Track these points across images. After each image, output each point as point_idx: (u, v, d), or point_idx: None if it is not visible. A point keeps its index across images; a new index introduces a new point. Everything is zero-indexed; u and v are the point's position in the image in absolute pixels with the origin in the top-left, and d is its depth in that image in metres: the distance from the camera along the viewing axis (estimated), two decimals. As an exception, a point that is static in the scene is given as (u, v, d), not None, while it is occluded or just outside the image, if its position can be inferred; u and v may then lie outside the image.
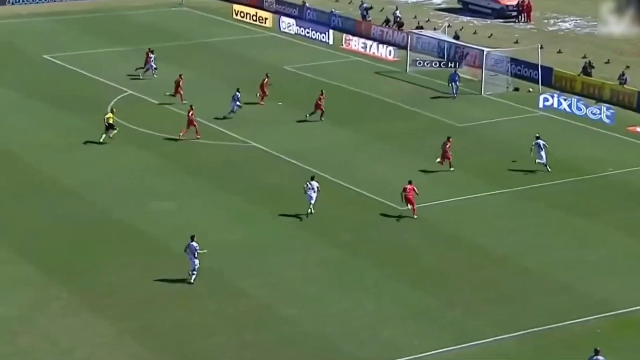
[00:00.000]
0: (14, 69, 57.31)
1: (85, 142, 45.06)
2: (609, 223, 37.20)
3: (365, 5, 69.86)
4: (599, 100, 51.89)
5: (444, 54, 59.27)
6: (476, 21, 70.59)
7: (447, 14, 72.06)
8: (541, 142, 42.00)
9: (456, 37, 61.55)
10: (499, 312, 30.95)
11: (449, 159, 41.90)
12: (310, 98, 50.08)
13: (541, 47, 56.15)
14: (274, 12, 70.98)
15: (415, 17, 69.61)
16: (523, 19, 70.71)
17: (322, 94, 48.55)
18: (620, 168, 42.71)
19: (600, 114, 49.12)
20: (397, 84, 55.25)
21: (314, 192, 37.25)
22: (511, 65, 55.74)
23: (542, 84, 53.96)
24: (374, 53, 60.42)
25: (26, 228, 36.31)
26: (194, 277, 32.22)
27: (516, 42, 63.35)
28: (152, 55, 54.61)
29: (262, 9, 71.86)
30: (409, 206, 37.42)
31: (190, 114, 44.95)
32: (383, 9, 72.50)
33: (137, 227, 36.32)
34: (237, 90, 48.32)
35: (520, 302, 31.59)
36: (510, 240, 35.85)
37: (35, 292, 31.73)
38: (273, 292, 31.96)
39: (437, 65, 56.87)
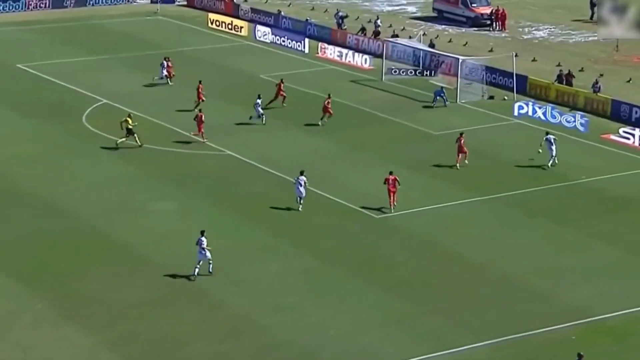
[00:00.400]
0: (-13, 78, 57.06)
1: (60, 152, 44.88)
2: (584, 230, 37.48)
3: (340, 14, 70.09)
4: (573, 108, 52.30)
5: (419, 62, 59.50)
6: (451, 29, 70.95)
7: (422, 22, 72.40)
8: (551, 137, 42.41)
9: (431, 46, 61.82)
10: (477, 319, 31.09)
11: (465, 153, 42.94)
12: (287, 106, 50.35)
13: (516, 55, 56.53)
14: (250, 20, 71.05)
15: (390, 26, 69.85)
16: (498, 27, 71.14)
17: (329, 98, 49.12)
18: (594, 175, 43.07)
19: (574, 121, 49.49)
20: (373, 92, 55.42)
21: (303, 187, 38.04)
22: (486, 73, 56.06)
23: (517, 92, 54.31)
24: (349, 61, 60.59)
25: (1, 238, 36.07)
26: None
27: (491, 51, 63.73)
28: (164, 62, 54.46)
29: (238, 17, 71.93)
30: (390, 197, 38.16)
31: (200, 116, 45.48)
32: (358, 17, 72.77)
33: (114, 237, 36.21)
34: (259, 97, 48.72)
35: (497, 309, 31.75)
36: (487, 248, 36.03)
37: (9, 303, 31.54)
38: (251, 302, 31.95)
39: (413, 73, 57.10)
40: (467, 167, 43.71)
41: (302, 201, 38.52)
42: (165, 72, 54.69)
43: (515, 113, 51.06)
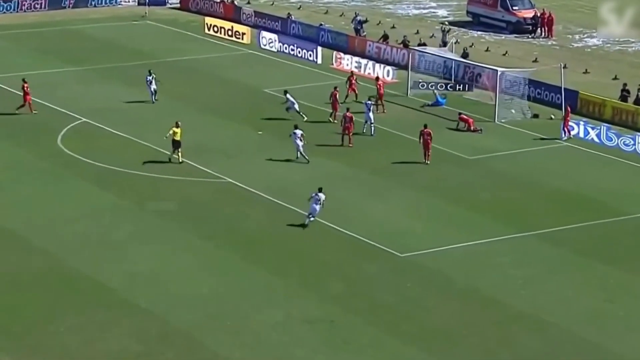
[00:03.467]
0: (-53, 92, 57.53)
1: (30, 179, 45.15)
2: (638, 272, 37.44)
3: (359, 18, 70.40)
4: (633, 129, 52.34)
5: (450, 75, 59.71)
6: (488, 36, 71.19)
7: (454, 28, 72.70)
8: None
9: (465, 55, 62.04)
10: (516, 376, 31.11)
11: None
12: (294, 124, 50.62)
13: (564, 67, 56.66)
14: (253, 26, 71.49)
15: (417, 32, 70.18)
16: (543, 33, 71.40)
17: (336, 90, 52.55)
18: (656, 208, 43.09)
19: (634, 144, 49.53)
20: (396, 109, 55.59)
21: (319, 205, 39.76)
22: (529, 87, 56.19)
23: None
24: (369, 73, 60.83)
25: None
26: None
27: (535, 61, 63.91)
28: (148, 77, 54.97)
29: (239, 22, 72.37)
30: (425, 151, 44.42)
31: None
32: (380, 22, 73.14)
33: (92, 278, 36.34)
34: (285, 92, 52.93)
35: (540, 364, 31.79)
36: (527, 292, 36.01)
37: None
38: (252, 355, 31.99)
39: (443, 87, 57.33)
40: (507, 199, 43.75)
41: (312, 219, 39.85)
42: (154, 87, 55.01)
43: (564, 135, 51.17)
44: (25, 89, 53.07)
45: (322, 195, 39.98)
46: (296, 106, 52.49)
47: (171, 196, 43.50)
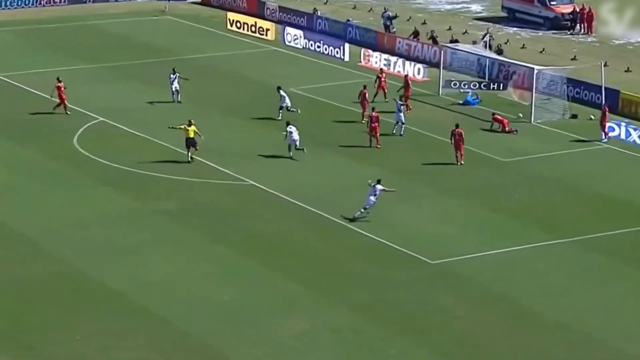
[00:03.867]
0: (-42, 90, 57.79)
1: (43, 182, 45.16)
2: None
3: (389, 13, 70.15)
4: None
5: (484, 73, 59.43)
6: (524, 33, 70.81)
7: (488, 24, 72.36)
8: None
9: (499, 52, 61.69)
10: (553, 391, 30.77)
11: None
12: (320, 125, 50.33)
13: (605, 65, 56.26)
14: (277, 21, 71.45)
15: (449, 28, 69.89)
16: (582, 30, 70.92)
17: (365, 89, 52.97)
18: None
19: (678, 146, 49.14)
20: (427, 109, 55.34)
21: (375, 197, 40.75)
22: (568, 86, 55.83)
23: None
24: (399, 72, 60.57)
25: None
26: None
27: (574, 59, 63.49)
28: (172, 76, 54.95)
29: (263, 18, 72.36)
30: (457, 152, 45.41)
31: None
32: (410, 17, 72.88)
33: (105, 284, 36.29)
34: (279, 88, 52.91)
35: (579, 378, 31.49)
36: (567, 302, 35.66)
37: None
38: (273, 366, 31.85)
39: (477, 86, 57.04)
40: (544, 203, 43.41)
41: (365, 212, 40.78)
42: (175, 87, 54.85)
43: (604, 136, 50.77)
44: (60, 88, 52.84)
45: (379, 187, 40.69)
46: (287, 102, 52.46)
47: (190, 199, 43.39)
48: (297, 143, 47.08)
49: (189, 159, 46.84)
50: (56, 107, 52.91)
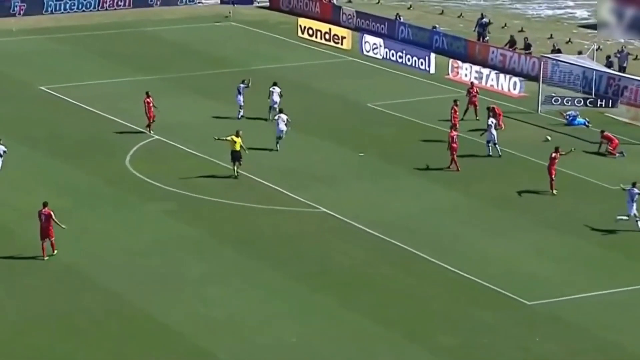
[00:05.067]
0: (-1, 104, 58.78)
1: (93, 206, 45.73)
2: None
3: (485, 20, 70.05)
4: None
5: (590, 88, 59.17)
6: (638, 42, 70.32)
7: (595, 32, 72.01)
8: (636, 190, 43.36)
9: (609, 65, 61.36)
10: None
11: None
12: (402, 145, 50.50)
13: None
14: (355, 29, 71.80)
15: (551, 37, 69.67)
16: None
17: (456, 104, 53.87)
18: None
19: None
20: (524, 128, 55.23)
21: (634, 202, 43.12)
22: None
23: None
24: (492, 86, 60.56)
25: (3, 319, 36.72)
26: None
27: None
28: (241, 86, 55.75)
29: (339, 24, 72.74)
30: (550, 177, 46.11)
31: None
32: (505, 25, 72.80)
33: (159, 320, 36.60)
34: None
35: None
36: (682, 350, 35.37)
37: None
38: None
39: (582, 103, 56.77)
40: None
41: (626, 218, 42.79)
42: (241, 100, 55.46)
43: None
44: (149, 103, 53.43)
45: (636, 190, 42.86)
46: (275, 98, 54.49)
47: (254, 228, 43.68)
48: (283, 134, 50.60)
49: (235, 174, 47.38)
50: (147, 126, 53.37)
